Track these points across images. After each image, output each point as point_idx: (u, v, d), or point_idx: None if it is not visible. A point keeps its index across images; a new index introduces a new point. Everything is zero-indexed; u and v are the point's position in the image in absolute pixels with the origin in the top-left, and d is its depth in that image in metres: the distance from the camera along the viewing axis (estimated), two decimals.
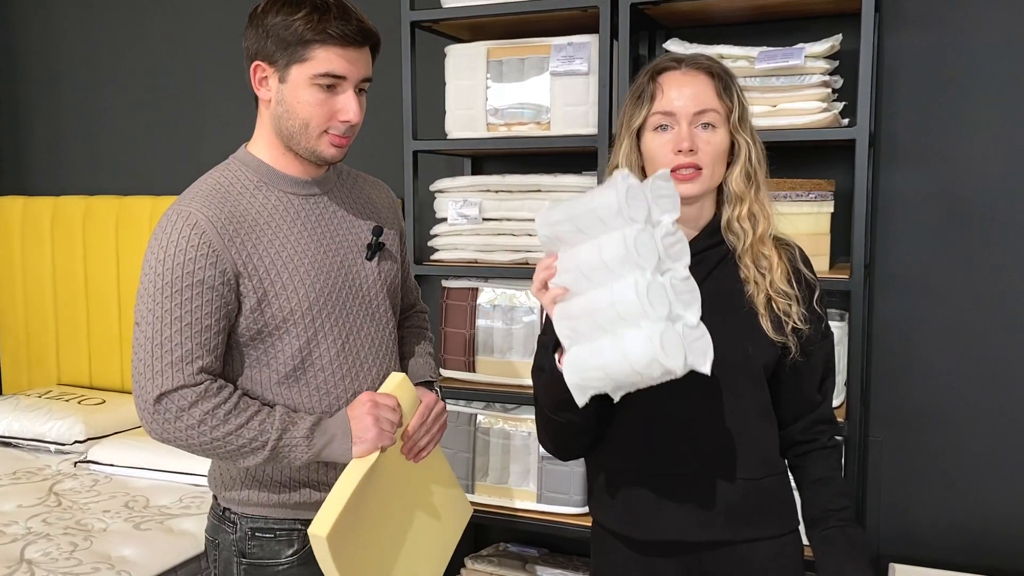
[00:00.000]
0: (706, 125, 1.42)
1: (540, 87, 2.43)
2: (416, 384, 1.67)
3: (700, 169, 1.41)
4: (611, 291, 1.21)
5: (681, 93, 1.42)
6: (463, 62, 2.53)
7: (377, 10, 2.92)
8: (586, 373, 1.24)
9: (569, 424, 1.43)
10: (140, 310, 1.45)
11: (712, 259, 1.47)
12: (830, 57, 2.27)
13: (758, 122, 2.19)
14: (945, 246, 2.40)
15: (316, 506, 1.46)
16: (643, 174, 1.46)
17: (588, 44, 2.37)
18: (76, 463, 2.88)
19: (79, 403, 3.17)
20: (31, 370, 3.65)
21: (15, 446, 3.06)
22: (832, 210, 2.24)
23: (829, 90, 2.20)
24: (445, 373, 2.61)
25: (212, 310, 1.43)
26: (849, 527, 1.48)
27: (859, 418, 2.45)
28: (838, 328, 2.19)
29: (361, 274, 1.60)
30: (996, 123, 2.33)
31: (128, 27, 3.52)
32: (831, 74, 2.27)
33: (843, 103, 2.26)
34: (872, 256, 2.45)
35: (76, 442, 2.99)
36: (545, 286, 1.30)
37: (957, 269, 2.40)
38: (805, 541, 1.53)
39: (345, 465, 1.48)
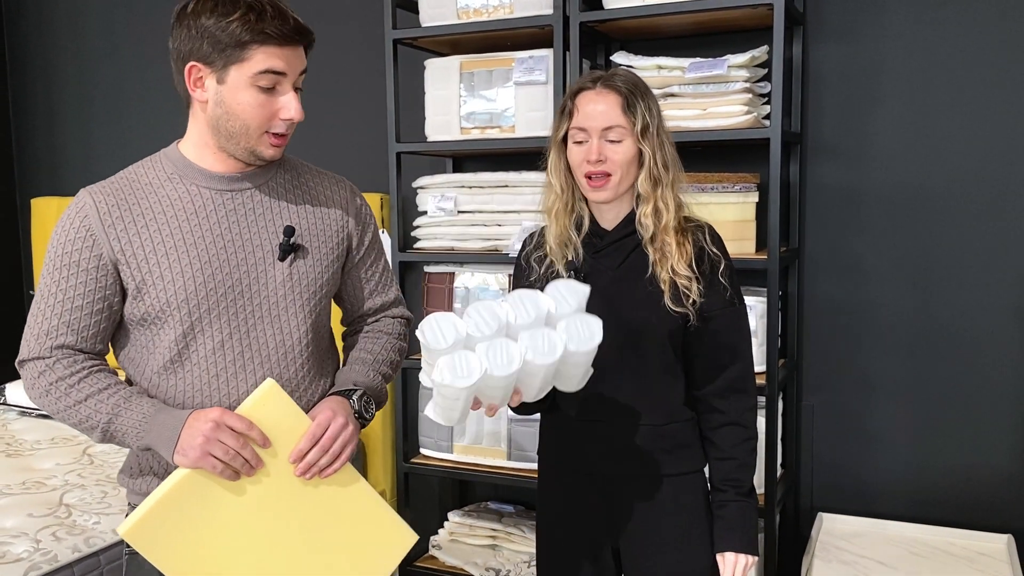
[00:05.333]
0: (613, 139, 1.67)
1: (506, 95, 2.72)
2: (333, 393, 1.56)
3: (609, 175, 1.66)
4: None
5: (593, 111, 1.65)
6: (440, 74, 2.82)
7: (363, 29, 3.29)
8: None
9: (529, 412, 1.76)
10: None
11: (628, 246, 1.73)
12: (760, 65, 2.57)
13: (691, 124, 2.51)
14: (864, 230, 2.67)
15: None
16: (569, 173, 1.74)
17: (546, 57, 2.66)
18: None
19: None
20: None
21: (52, 418, 3.42)
22: (757, 200, 2.54)
23: (750, 95, 2.47)
24: None
25: (84, 291, 1.43)
26: (743, 499, 1.71)
27: (793, 384, 2.76)
28: (760, 302, 2.50)
29: (268, 273, 1.51)
30: (904, 122, 2.61)
31: (153, 38, 3.76)
32: (759, 81, 2.57)
33: (768, 106, 2.54)
34: (802, 240, 2.75)
35: None
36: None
37: (874, 251, 2.67)
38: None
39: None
